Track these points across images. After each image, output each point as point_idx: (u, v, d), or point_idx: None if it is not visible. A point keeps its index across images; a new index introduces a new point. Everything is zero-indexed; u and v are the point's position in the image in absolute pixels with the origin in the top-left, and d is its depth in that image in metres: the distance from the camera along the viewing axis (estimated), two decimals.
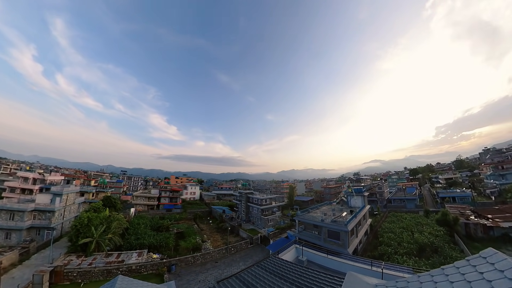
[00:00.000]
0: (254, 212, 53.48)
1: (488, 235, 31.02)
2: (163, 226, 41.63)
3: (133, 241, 32.50)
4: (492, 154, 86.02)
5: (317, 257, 16.82)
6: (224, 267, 28.60)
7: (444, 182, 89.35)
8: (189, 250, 32.55)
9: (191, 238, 36.55)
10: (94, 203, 40.98)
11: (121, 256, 28.61)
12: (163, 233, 37.02)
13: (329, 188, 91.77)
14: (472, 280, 4.11)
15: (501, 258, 4.23)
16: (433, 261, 22.28)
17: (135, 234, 35.50)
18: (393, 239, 29.44)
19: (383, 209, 60.87)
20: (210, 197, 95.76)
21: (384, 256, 24.93)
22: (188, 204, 77.20)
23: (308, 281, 10.08)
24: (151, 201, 68.96)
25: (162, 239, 33.62)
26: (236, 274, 12.82)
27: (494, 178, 64.00)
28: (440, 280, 4.67)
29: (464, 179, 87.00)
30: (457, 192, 59.45)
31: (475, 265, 4.48)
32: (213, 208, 68.50)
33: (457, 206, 45.28)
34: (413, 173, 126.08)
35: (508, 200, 46.18)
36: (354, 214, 29.78)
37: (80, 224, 28.72)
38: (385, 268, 12.36)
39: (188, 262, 29.23)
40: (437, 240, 28.11)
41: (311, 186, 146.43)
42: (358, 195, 40.47)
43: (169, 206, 68.50)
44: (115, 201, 49.13)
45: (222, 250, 33.26)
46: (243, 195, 59.17)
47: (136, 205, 64.35)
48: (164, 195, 71.92)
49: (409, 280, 5.42)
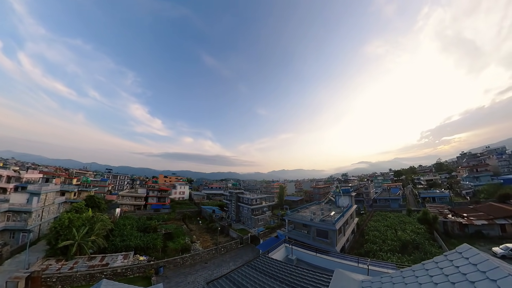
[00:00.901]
0: (244, 212, 53.41)
1: (464, 232, 33.74)
2: (150, 227, 40.38)
3: (118, 243, 31.10)
4: (468, 158, 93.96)
5: (306, 256, 17.16)
6: (214, 267, 28.31)
7: (425, 183, 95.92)
8: (178, 251, 31.86)
9: (179, 239, 35.75)
10: (76, 203, 38.71)
11: (105, 259, 27.25)
12: (151, 234, 35.84)
13: (318, 188, 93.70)
14: (449, 273, 4.44)
15: (475, 253, 4.62)
16: (415, 257, 23.60)
17: (120, 235, 34.04)
18: (378, 237, 30.79)
19: (369, 208, 63.55)
20: (200, 197, 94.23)
21: (369, 253, 26.00)
22: (177, 204, 75.34)
23: (297, 279, 10.27)
24: (138, 201, 66.67)
25: (150, 241, 32.53)
26: (226, 275, 12.77)
27: (470, 180, 69.80)
28: (421, 274, 4.99)
29: (443, 181, 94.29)
30: (437, 192, 63.98)
31: (452, 260, 4.85)
32: (203, 208, 67.50)
33: (437, 206, 48.52)
34: (397, 175, 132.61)
35: (481, 200, 50.42)
36: (341, 214, 30.68)
37: (60, 225, 26.98)
38: (371, 264, 12.90)
39: (177, 263, 28.59)
40: (418, 237, 29.79)
41: (301, 186, 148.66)
42: (345, 195, 41.79)
43: (157, 206, 66.59)
44: (99, 201, 46.71)
45: (212, 250, 32.89)
46: (233, 195, 58.91)
47: (122, 205, 61.72)
48: (152, 195, 69.89)
49: (392, 275, 5.73)
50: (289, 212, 38.23)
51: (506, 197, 44.35)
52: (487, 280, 3.69)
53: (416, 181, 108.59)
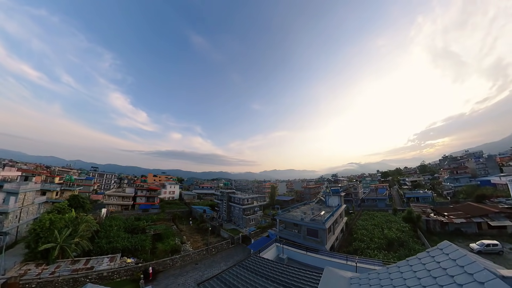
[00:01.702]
0: (235, 211, 53.24)
1: (444, 230, 35.97)
2: (138, 227, 39.24)
3: (104, 245, 29.81)
4: (449, 161, 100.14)
5: (297, 255, 17.43)
6: (204, 268, 27.96)
7: (410, 184, 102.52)
8: (168, 252, 31.12)
9: (169, 239, 35.05)
10: (58, 203, 36.56)
11: (90, 262, 25.99)
12: (139, 235, 34.80)
13: (309, 188, 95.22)
14: (431, 269, 4.72)
15: (454, 249, 4.94)
16: (400, 254, 24.77)
17: (106, 237, 32.71)
18: (365, 235, 31.86)
19: (357, 208, 65.54)
20: (191, 197, 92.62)
21: (358, 251, 26.86)
22: (167, 204, 73.50)
23: (288, 278, 10.42)
24: (126, 200, 64.39)
25: (138, 242, 31.57)
26: (217, 275, 12.70)
27: (450, 181, 76.17)
28: (405, 270, 5.26)
29: (427, 182, 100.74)
30: (420, 193, 68.42)
31: (434, 256, 5.14)
32: (194, 208, 66.50)
33: (420, 205, 51.28)
34: (384, 176, 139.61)
35: (460, 200, 54.49)
36: (331, 213, 31.40)
37: (40, 227, 25.37)
38: (359, 262, 13.36)
39: (167, 265, 27.90)
40: (403, 235, 31.30)
41: (292, 186, 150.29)
42: (335, 195, 42.83)
43: (145, 206, 64.72)
44: (83, 201, 44.43)
45: (202, 251, 32.48)
46: (224, 195, 58.55)
47: (109, 205, 59.43)
48: (140, 194, 67.75)
49: (379, 271, 5.98)
50: (280, 211, 38.56)
51: (482, 197, 48.27)
52: (465, 274, 3.96)
53: (402, 182, 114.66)
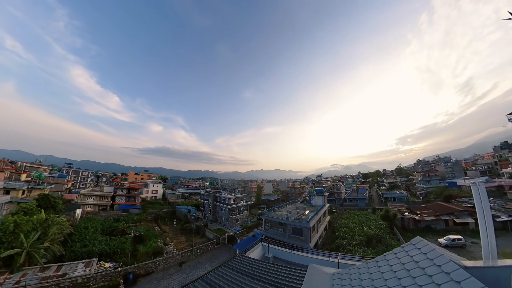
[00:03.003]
0: (221, 211, 52.70)
1: (417, 227, 39.27)
2: (118, 229, 37.12)
3: (78, 249, 27.52)
4: (422, 165, 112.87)
5: (282, 253, 17.75)
6: (189, 270, 27.29)
7: (388, 185, 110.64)
8: (150, 255, 29.81)
9: (151, 241, 33.52)
10: (25, 204, 33.06)
11: (62, 269, 23.75)
12: (118, 238, 32.86)
13: (295, 188, 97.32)
14: (405, 262, 5.14)
15: (425, 244, 5.43)
16: (378, 250, 26.44)
17: (81, 240, 30.28)
18: (347, 233, 33.46)
19: (340, 207, 68.77)
20: (175, 196, 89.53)
21: (340, 248, 28.18)
22: (149, 203, 70.23)
23: (274, 276, 10.60)
24: (104, 200, 60.25)
25: (117, 245, 29.80)
26: (202, 277, 12.50)
27: (423, 183, 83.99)
28: (383, 264, 5.65)
29: (402, 183, 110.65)
30: (397, 193, 73.77)
31: (407, 251, 5.60)
32: (178, 208, 64.49)
33: (396, 205, 55.34)
34: (365, 177, 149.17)
35: (431, 200, 60.05)
36: (315, 212, 32.42)
37: (2, 231, 22.68)
38: (341, 258, 14.01)
39: (148, 268, 26.77)
40: (381, 232, 33.44)
41: (278, 186, 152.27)
42: (319, 195, 44.30)
43: (125, 206, 61.25)
44: (55, 201, 40.68)
45: (187, 252, 31.69)
46: (210, 194, 57.64)
47: (84, 206, 55.18)
48: (120, 194, 63.76)
49: (359, 267, 6.35)
50: (266, 211, 38.96)
51: (450, 197, 53.81)
52: (434, 266, 4.39)
53: (381, 183, 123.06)
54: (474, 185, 5.43)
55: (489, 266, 4.31)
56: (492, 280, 3.79)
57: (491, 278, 3.91)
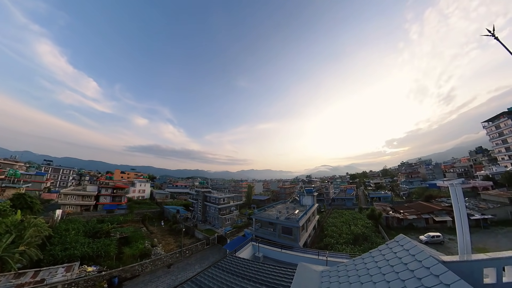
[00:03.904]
0: (211, 211, 52.17)
1: (400, 225, 41.33)
2: (102, 231, 35.41)
3: (58, 253, 25.80)
4: (406, 167, 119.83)
5: (273, 252, 17.92)
6: (178, 272, 26.69)
7: (374, 186, 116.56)
8: (136, 257, 28.79)
9: (138, 243, 32.47)
10: None
11: (40, 275, 21.91)
12: (102, 240, 31.39)
13: (285, 188, 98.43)
14: (389, 258, 5.41)
15: (407, 241, 5.75)
16: (364, 247, 27.56)
17: (61, 243, 28.52)
18: (335, 232, 34.59)
19: (328, 206, 70.68)
20: (163, 196, 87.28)
21: (328, 246, 29.08)
22: (136, 203, 67.79)
23: (264, 275, 10.68)
24: (87, 200, 57.26)
25: (101, 247, 28.41)
26: (191, 278, 12.31)
27: (406, 184, 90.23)
28: (369, 261, 5.91)
29: (387, 184, 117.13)
30: (382, 193, 78.32)
31: (391, 247, 5.89)
32: (166, 208, 62.92)
33: (381, 204, 57.97)
34: (352, 178, 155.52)
35: (413, 200, 63.36)
36: (304, 212, 33.01)
37: None
38: (329, 256, 14.42)
39: (135, 271, 25.81)
40: (367, 230, 34.87)
41: (268, 186, 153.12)
42: (309, 195, 45.17)
43: (110, 206, 58.80)
44: (31, 201, 37.99)
45: (175, 253, 30.98)
46: (200, 194, 56.84)
47: (65, 206, 52.18)
48: (105, 193, 61.09)
49: (347, 264, 6.59)
50: (257, 211, 39.10)
51: (430, 197, 57.21)
52: (416, 261, 4.68)
53: (367, 183, 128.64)
54: (451, 186, 5.83)
55: (464, 260, 4.66)
56: (466, 273, 4.13)
57: (466, 271, 4.27)
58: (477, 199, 48.56)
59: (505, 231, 32.88)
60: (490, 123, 75.36)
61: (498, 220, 36.80)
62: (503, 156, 70.40)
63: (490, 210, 38.53)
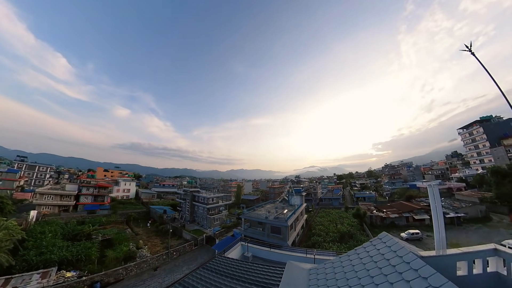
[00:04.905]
0: (199, 211, 51.37)
1: (383, 223, 43.31)
2: (82, 233, 33.46)
3: (33, 258, 23.81)
4: (389, 168, 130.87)
5: (262, 252, 18.03)
6: (165, 274, 25.97)
7: (359, 186, 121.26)
8: (120, 260, 27.61)
9: (122, 245, 31.05)
10: None
11: (11, 282, 20.27)
12: (83, 243, 29.55)
13: (274, 188, 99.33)
14: (373, 255, 5.69)
15: (390, 238, 6.07)
16: (350, 245, 28.57)
17: (37, 247, 26.42)
18: (322, 230, 35.51)
19: (316, 206, 72.55)
20: (149, 195, 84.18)
21: (316, 244, 29.86)
22: (120, 204, 64.77)
23: (253, 275, 10.74)
24: (66, 200, 53.55)
25: (81, 251, 26.77)
26: (179, 281, 12.07)
27: (389, 185, 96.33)
28: (354, 258, 6.17)
29: (372, 184, 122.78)
30: (367, 193, 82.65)
31: (375, 245, 6.20)
32: (152, 208, 60.96)
33: (366, 204, 60.58)
34: (339, 178, 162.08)
35: (395, 199, 67.25)
36: (293, 211, 33.58)
37: None
38: (317, 254, 14.81)
39: (119, 275, 24.72)
40: (352, 229, 36.27)
41: (258, 186, 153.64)
42: (297, 195, 46.08)
43: (92, 206, 55.57)
44: (2, 201, 34.93)
45: (162, 255, 30.15)
46: (188, 194, 55.75)
47: (41, 206, 48.54)
48: (86, 193, 57.37)
49: (333, 261, 6.83)
50: (246, 210, 39.12)
51: (410, 197, 61.00)
52: (397, 257, 4.98)
53: (353, 184, 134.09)
54: (429, 187, 6.26)
55: (440, 255, 5.04)
56: (442, 267, 4.49)
57: (441, 265, 4.65)
58: (452, 199, 52.57)
59: (475, 228, 35.75)
60: (464, 130, 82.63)
61: (469, 218, 39.90)
62: (475, 160, 77.29)
63: (463, 209, 41.76)
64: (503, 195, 42.87)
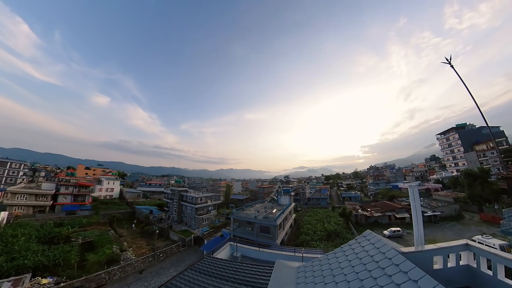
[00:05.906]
0: (187, 211, 50.37)
1: (368, 222, 45.40)
2: (60, 236, 31.55)
3: (3, 264, 22.03)
4: (373, 170, 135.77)
5: (251, 251, 18.10)
6: (151, 277, 25.14)
7: (346, 186, 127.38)
8: (102, 264, 26.27)
9: (104, 248, 29.60)
10: None
11: None
12: (61, 246, 27.92)
13: (263, 188, 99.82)
14: (358, 252, 5.96)
15: (373, 236, 6.38)
16: (336, 243, 29.52)
17: (7, 252, 24.45)
18: (310, 229, 36.30)
19: (304, 206, 74.06)
20: (134, 195, 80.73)
21: (304, 243, 30.42)
22: (103, 204, 61.69)
23: (242, 275, 10.76)
24: (42, 200, 49.71)
25: (59, 255, 25.23)
26: (166, 283, 11.75)
27: (373, 185, 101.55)
28: (340, 255, 6.41)
29: (357, 185, 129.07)
30: (352, 193, 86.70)
31: (360, 242, 6.48)
32: (138, 208, 58.77)
33: (352, 203, 63.02)
34: (327, 179, 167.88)
35: (379, 199, 70.61)
36: (282, 211, 33.97)
37: None
38: (305, 252, 15.15)
39: (101, 280, 23.51)
40: (339, 227, 37.41)
41: (247, 185, 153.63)
42: (286, 195, 46.69)
43: (72, 207, 52.18)
44: None
45: (148, 257, 29.16)
46: (176, 193, 54.42)
47: (13, 207, 44.70)
48: (65, 192, 53.52)
49: (320, 259, 7.04)
50: (235, 210, 38.96)
51: (392, 197, 65.02)
52: (380, 253, 5.25)
53: (340, 184, 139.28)
54: (410, 188, 6.66)
55: (419, 250, 5.40)
56: (420, 261, 4.82)
57: (420, 259, 5.00)
58: (430, 199, 56.34)
59: (450, 225, 38.61)
60: (442, 136, 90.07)
61: (445, 216, 42.94)
62: (450, 163, 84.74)
63: (439, 208, 44.90)
64: (474, 196, 47.33)
